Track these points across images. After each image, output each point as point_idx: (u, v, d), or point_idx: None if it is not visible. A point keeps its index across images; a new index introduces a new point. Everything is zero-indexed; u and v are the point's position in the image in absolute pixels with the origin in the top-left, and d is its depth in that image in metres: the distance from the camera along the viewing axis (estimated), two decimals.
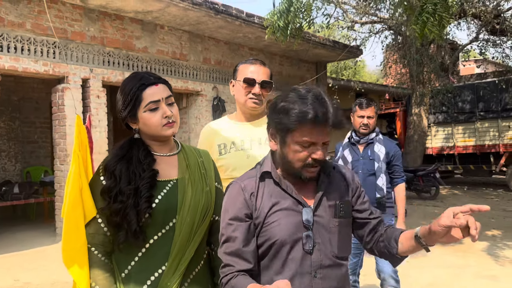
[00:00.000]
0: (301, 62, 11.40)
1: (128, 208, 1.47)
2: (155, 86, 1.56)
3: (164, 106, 1.56)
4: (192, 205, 1.55)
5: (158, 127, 1.55)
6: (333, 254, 1.41)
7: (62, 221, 1.56)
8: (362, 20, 12.07)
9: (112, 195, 1.50)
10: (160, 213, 1.51)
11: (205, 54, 8.91)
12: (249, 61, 2.15)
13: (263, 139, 2.08)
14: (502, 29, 10.58)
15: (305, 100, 1.32)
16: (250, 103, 2.08)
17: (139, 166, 1.53)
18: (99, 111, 6.98)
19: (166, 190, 1.55)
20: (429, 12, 4.72)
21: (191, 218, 1.54)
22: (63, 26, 6.59)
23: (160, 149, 1.63)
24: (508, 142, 11.74)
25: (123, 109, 1.58)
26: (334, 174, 1.51)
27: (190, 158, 1.67)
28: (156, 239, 1.51)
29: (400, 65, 13.25)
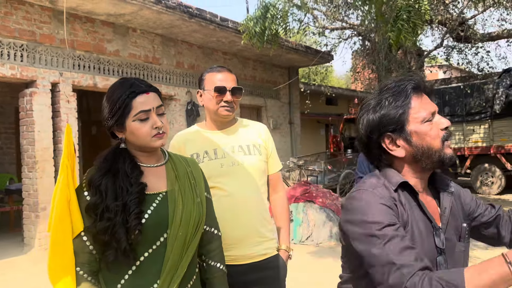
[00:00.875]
0: (274, 67, 11.46)
1: (117, 226, 1.38)
2: (146, 95, 1.48)
3: (155, 116, 1.48)
4: (183, 218, 1.48)
5: (147, 138, 1.47)
6: None
7: (35, 231, 1.47)
8: (332, 26, 12.26)
9: (98, 212, 1.40)
10: (151, 228, 1.43)
11: (178, 58, 8.81)
12: (215, 69, 2.14)
13: (236, 147, 2.09)
14: (466, 36, 10.96)
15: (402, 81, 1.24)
16: (222, 111, 2.07)
17: (126, 180, 1.44)
18: (69, 116, 6.76)
19: (155, 204, 1.47)
20: (403, 19, 4.83)
21: (183, 232, 1.47)
22: (31, 29, 6.36)
23: (147, 159, 1.54)
24: (473, 145, 12.16)
25: (110, 117, 1.48)
26: (454, 191, 1.33)
27: (179, 168, 1.59)
28: (146, 256, 1.44)
29: (369, 70, 13.53)
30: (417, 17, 4.90)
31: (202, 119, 9.10)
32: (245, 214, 2.02)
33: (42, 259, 5.99)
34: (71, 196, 1.50)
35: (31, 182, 6.36)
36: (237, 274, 1.97)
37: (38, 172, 6.31)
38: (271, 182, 2.25)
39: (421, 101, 1.26)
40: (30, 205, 6.38)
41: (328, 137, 16.63)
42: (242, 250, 2.02)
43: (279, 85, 11.40)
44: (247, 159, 2.07)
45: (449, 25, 10.91)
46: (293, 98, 12.21)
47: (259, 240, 2.07)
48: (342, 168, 11.97)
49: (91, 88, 7.32)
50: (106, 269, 1.44)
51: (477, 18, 11.95)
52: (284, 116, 11.92)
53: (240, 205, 2.01)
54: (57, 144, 6.63)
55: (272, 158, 2.20)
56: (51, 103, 6.53)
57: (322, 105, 16.30)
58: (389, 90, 1.27)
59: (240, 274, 2.00)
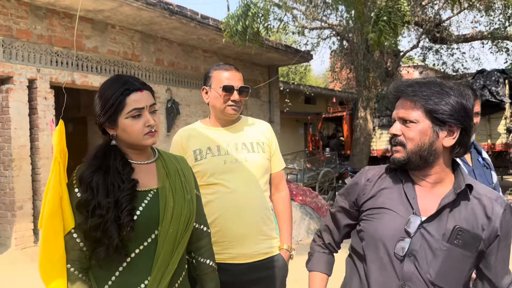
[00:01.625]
0: (254, 66, 11.48)
1: (109, 222, 1.38)
2: (140, 92, 1.48)
3: (147, 114, 1.49)
4: (174, 215, 1.49)
5: (139, 136, 1.48)
6: (429, 277, 1.29)
7: (11, 230, 1.46)
8: (311, 26, 12.36)
9: (90, 209, 1.40)
10: (142, 225, 1.43)
11: (158, 55, 8.73)
12: (223, 66, 2.11)
13: (239, 144, 2.08)
14: (442, 37, 11.24)
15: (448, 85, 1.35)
16: (229, 110, 2.06)
17: (117, 176, 1.44)
18: (47, 113, 6.62)
19: (147, 201, 1.47)
20: (384, 20, 4.93)
21: (174, 228, 1.48)
22: (8, 24, 6.19)
23: (137, 157, 1.55)
24: None
25: (103, 113, 1.48)
26: (473, 198, 1.34)
27: (169, 165, 1.60)
28: (137, 252, 1.44)
29: (347, 70, 13.71)
30: (398, 18, 5.01)
31: (182, 117, 9.05)
32: (247, 211, 2.01)
33: (19, 259, 5.86)
34: (63, 193, 1.49)
35: (7, 180, 6.21)
36: (238, 272, 1.96)
37: (15, 171, 6.16)
38: (274, 181, 2.22)
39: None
40: (6, 204, 6.22)
41: (307, 135, 16.77)
42: (244, 249, 2.00)
43: (259, 83, 11.43)
44: (250, 157, 2.06)
45: (425, 26, 11.16)
46: (273, 97, 12.26)
47: (261, 239, 2.05)
48: (321, 166, 12.10)
49: (69, 85, 7.19)
50: (97, 266, 1.44)
51: (452, 20, 12.27)
52: (264, 114, 11.96)
53: (243, 202, 1.99)
54: (34, 142, 6.49)
55: (275, 156, 2.19)
56: (28, 100, 6.38)
57: (301, 104, 16.42)
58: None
59: (241, 273, 1.98)
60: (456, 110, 1.29)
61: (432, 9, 11.44)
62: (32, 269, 5.51)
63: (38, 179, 6.51)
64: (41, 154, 6.52)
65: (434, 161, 1.34)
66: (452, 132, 1.32)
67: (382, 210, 1.38)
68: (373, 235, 1.38)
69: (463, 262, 1.30)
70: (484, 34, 11.47)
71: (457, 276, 1.30)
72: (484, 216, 1.31)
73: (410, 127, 1.33)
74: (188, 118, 9.28)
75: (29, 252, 6.13)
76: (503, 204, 1.33)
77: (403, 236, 1.31)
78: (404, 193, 1.36)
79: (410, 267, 1.30)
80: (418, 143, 1.32)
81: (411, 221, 1.31)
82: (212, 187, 2.00)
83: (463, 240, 1.28)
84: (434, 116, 1.30)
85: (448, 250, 1.28)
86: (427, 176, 1.37)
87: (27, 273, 5.30)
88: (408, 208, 1.34)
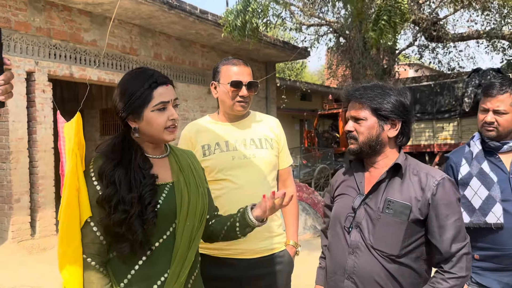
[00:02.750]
0: (252, 62, 11.48)
1: (133, 217, 1.38)
2: (166, 86, 1.50)
3: (172, 108, 1.51)
4: (190, 208, 1.51)
5: (161, 129, 1.49)
6: (370, 243, 1.56)
7: (8, 223, 1.48)
8: (308, 22, 12.36)
9: (113, 204, 1.40)
10: (162, 218, 1.45)
11: (156, 50, 8.71)
12: (231, 61, 2.08)
13: (248, 140, 2.07)
14: (438, 36, 11.28)
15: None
16: (238, 106, 2.04)
17: (139, 171, 1.46)
18: (45, 106, 6.60)
19: (165, 194, 1.49)
20: (384, 19, 4.96)
21: (190, 222, 1.50)
22: (6, 15, 6.16)
23: (153, 151, 1.56)
24: (442, 142, 12.56)
25: (128, 106, 1.47)
26: (412, 175, 1.60)
27: (182, 160, 1.62)
28: (157, 245, 1.46)
29: (344, 67, 13.73)
30: (398, 17, 5.04)
31: (179, 112, 9.04)
32: None
33: (16, 252, 5.86)
34: (80, 185, 1.50)
35: (5, 173, 6.19)
36: (244, 268, 1.97)
37: (12, 163, 6.15)
38: (282, 177, 2.21)
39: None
40: (3, 197, 6.21)
41: (303, 132, 16.80)
42: (250, 244, 1.99)
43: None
44: (258, 153, 2.05)
45: (422, 25, 11.19)
46: (270, 93, 12.27)
47: (267, 235, 2.05)
48: (317, 163, 12.17)
49: (67, 78, 7.17)
50: (118, 260, 1.44)
51: (448, 18, 12.31)
52: (261, 110, 11.96)
53: (250, 198, 1.94)
54: (32, 135, 6.47)
55: (283, 152, 2.18)
56: (26, 92, 6.36)
57: (297, 101, 16.43)
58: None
59: (247, 268, 1.99)
60: (396, 106, 1.59)
61: (429, 7, 11.48)
62: (29, 262, 5.52)
63: (35, 172, 6.50)
64: (38, 147, 6.50)
65: (381, 149, 1.64)
66: (394, 125, 1.61)
67: (340, 196, 1.73)
68: (333, 215, 1.73)
69: (397, 228, 1.53)
70: (480, 33, 11.54)
71: (393, 241, 1.53)
72: (419, 189, 1.56)
73: (361, 123, 1.62)
74: (186, 113, 9.28)
75: (26, 245, 6.12)
76: (439, 178, 1.56)
77: (350, 212, 1.63)
78: (355, 179, 1.69)
79: (356, 236, 1.60)
80: (368, 136, 1.61)
81: (356, 199, 1.63)
82: (220, 183, 2.00)
83: (394, 209, 1.54)
84: (378, 114, 1.59)
85: (382, 218, 1.55)
86: (375, 162, 1.67)
87: (24, 266, 5.31)
88: (357, 190, 1.66)
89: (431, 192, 1.53)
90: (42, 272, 4.91)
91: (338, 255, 1.64)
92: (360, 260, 1.57)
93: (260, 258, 2.02)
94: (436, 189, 1.53)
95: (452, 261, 1.52)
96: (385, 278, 1.53)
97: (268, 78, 11.85)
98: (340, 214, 1.67)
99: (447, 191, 1.55)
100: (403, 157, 1.64)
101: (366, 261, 1.56)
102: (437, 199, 1.53)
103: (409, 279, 1.55)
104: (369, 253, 1.56)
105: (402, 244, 1.52)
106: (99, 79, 7.56)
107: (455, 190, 1.58)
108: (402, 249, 1.53)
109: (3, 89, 1.13)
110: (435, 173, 1.59)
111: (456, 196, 1.58)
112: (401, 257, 1.53)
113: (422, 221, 1.54)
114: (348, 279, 1.59)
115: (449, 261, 1.52)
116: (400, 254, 1.53)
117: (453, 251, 1.51)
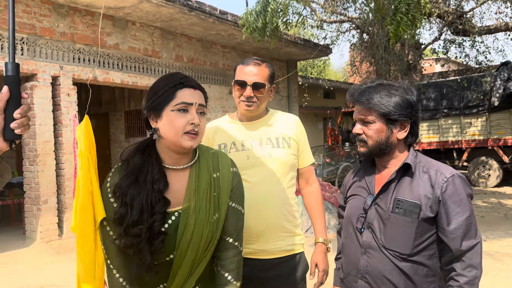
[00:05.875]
0: (273, 60, 11.47)
1: (142, 243, 1.36)
2: (193, 90, 1.45)
3: (194, 112, 1.43)
4: (194, 238, 1.43)
5: (179, 132, 1.40)
6: (381, 243, 1.56)
7: (37, 224, 1.51)
8: (330, 19, 12.24)
9: (124, 226, 1.38)
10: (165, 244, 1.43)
11: (178, 51, 8.81)
12: (246, 61, 2.07)
13: (264, 139, 2.05)
14: (464, 30, 10.99)
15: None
16: (242, 105, 2.03)
17: (152, 193, 1.40)
18: (70, 109, 6.78)
19: (171, 221, 1.44)
20: (402, 12, 4.86)
21: (192, 251, 1.43)
22: (31, 22, 6.35)
23: (174, 161, 1.48)
24: (470, 138, 12.23)
25: (150, 102, 1.45)
26: (422, 173, 1.58)
27: (202, 177, 1.49)
28: (156, 263, 1.44)
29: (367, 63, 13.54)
30: (416, 10, 4.93)
31: None
32: (268, 207, 1.97)
33: (44, 251, 6.03)
34: (94, 188, 1.52)
35: (33, 175, 6.38)
36: (257, 268, 1.93)
37: (39, 166, 6.33)
38: (304, 175, 2.17)
39: None
40: (32, 198, 6.41)
41: (326, 130, 16.67)
42: (264, 245, 1.97)
43: (277, 78, 11.42)
44: (274, 152, 2.02)
45: (447, 18, 10.93)
46: (292, 91, 12.23)
47: (282, 235, 2.01)
48: (340, 161, 12.03)
49: (91, 82, 7.33)
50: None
51: (475, 11, 11.97)
52: (283, 109, 11.95)
53: (263, 198, 1.95)
54: (58, 138, 6.65)
55: (304, 151, 2.13)
56: (51, 96, 6.54)
57: (320, 99, 16.32)
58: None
59: (260, 269, 1.95)
60: (403, 108, 1.57)
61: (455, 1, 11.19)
62: (57, 261, 5.67)
63: (62, 174, 6.68)
64: (64, 150, 6.68)
65: (391, 151, 1.62)
66: (404, 127, 1.60)
67: (352, 197, 1.73)
68: (345, 216, 1.74)
69: (407, 227, 1.52)
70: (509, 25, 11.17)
71: (404, 240, 1.52)
72: (429, 186, 1.53)
73: (369, 126, 1.60)
74: (207, 114, 9.32)
75: (53, 245, 6.30)
76: (449, 175, 1.53)
77: (362, 213, 1.63)
78: (365, 180, 1.69)
79: (368, 237, 1.60)
80: (377, 139, 1.59)
81: (366, 200, 1.63)
82: None
83: (403, 208, 1.52)
84: (387, 118, 1.57)
85: (392, 218, 1.54)
86: (386, 162, 1.65)
87: (51, 266, 5.46)
88: (367, 191, 1.65)
89: (440, 189, 1.51)
90: (69, 271, 5.04)
91: (351, 256, 1.66)
92: (373, 260, 1.57)
93: (274, 259, 1.99)
94: (446, 186, 1.51)
95: (463, 260, 1.48)
96: (398, 276, 1.52)
97: (290, 76, 11.81)
98: (352, 215, 1.68)
99: (457, 187, 1.52)
100: (413, 156, 1.62)
101: (379, 261, 1.56)
102: (447, 196, 1.50)
103: (423, 277, 1.53)
104: (381, 253, 1.55)
105: (413, 243, 1.51)
106: (122, 82, 7.70)
107: (465, 187, 1.54)
108: (414, 248, 1.51)
109: (19, 122, 1.13)
110: (445, 170, 1.56)
111: (467, 192, 1.53)
112: (414, 255, 1.52)
113: (433, 218, 1.52)
114: (362, 279, 1.60)
115: (460, 260, 1.49)
116: (412, 253, 1.51)
117: (463, 248, 1.48)
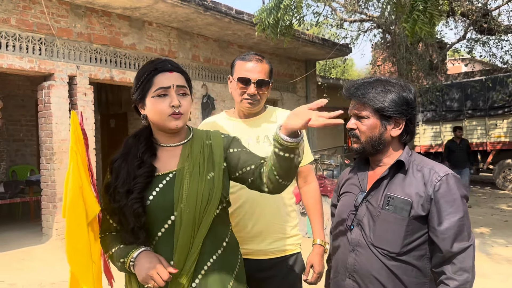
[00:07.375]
0: (291, 60, 11.38)
1: (124, 208, 1.43)
2: (169, 73, 1.50)
3: (174, 94, 1.48)
4: (190, 195, 1.46)
5: (163, 116, 1.47)
6: (370, 240, 1.52)
7: (52, 221, 1.53)
8: (351, 19, 12.07)
9: (110, 193, 1.48)
10: (158, 209, 1.45)
11: (194, 51, 8.83)
12: (246, 57, 2.05)
13: (261, 137, 2.03)
14: (489, 28, 10.65)
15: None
16: (245, 103, 2.01)
17: (136, 163, 1.48)
18: (86, 108, 6.86)
19: (162, 185, 1.48)
20: (419, 10, 4.72)
21: (190, 209, 1.45)
22: (49, 23, 6.45)
23: (167, 139, 1.56)
24: (495, 140, 11.86)
25: (135, 91, 1.54)
26: (415, 171, 1.53)
27: (195, 146, 1.56)
28: (160, 235, 1.47)
29: (389, 63, 13.29)
30: (434, 7, 4.78)
31: (217, 112, 9.11)
32: (264, 207, 1.95)
33: (59, 248, 6.12)
34: (83, 182, 1.54)
35: (49, 173, 6.49)
36: (253, 269, 1.89)
37: (56, 164, 6.43)
38: (302, 174, 2.14)
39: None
40: (48, 196, 6.52)
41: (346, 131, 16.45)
42: (259, 245, 1.95)
43: (295, 78, 11.32)
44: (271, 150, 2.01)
45: (471, 17, 10.62)
46: (310, 91, 12.11)
47: (278, 236, 1.99)
48: None
49: (108, 81, 7.42)
50: None
51: (501, 9, 11.61)
52: None
53: (258, 198, 1.90)
54: None
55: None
56: (68, 95, 6.64)
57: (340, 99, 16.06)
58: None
59: (256, 269, 1.92)
60: (399, 104, 1.53)
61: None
62: None
63: None
64: None
65: (384, 149, 1.59)
66: (398, 124, 1.56)
67: (344, 194, 1.71)
68: (336, 214, 1.72)
69: (397, 224, 1.47)
70: None
71: (394, 238, 1.47)
72: (422, 184, 1.49)
73: (363, 122, 1.56)
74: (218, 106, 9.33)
75: None
76: (443, 174, 1.48)
77: (352, 210, 1.60)
78: (358, 177, 1.66)
79: (357, 234, 1.56)
80: (370, 135, 1.55)
81: (358, 197, 1.60)
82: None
83: (394, 205, 1.48)
84: (381, 114, 1.53)
85: (382, 215, 1.50)
86: (380, 160, 1.62)
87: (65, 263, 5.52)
88: (359, 188, 1.63)
89: (433, 187, 1.47)
90: None
91: (340, 254, 1.64)
92: (361, 258, 1.54)
93: (270, 259, 1.97)
94: (439, 185, 1.47)
95: (454, 263, 1.42)
96: (386, 276, 1.49)
97: (308, 76, 11.69)
98: (343, 212, 1.65)
99: (451, 187, 1.47)
100: (407, 154, 1.58)
101: (367, 259, 1.52)
102: (440, 195, 1.46)
103: (413, 278, 1.48)
104: (369, 250, 1.52)
105: (403, 241, 1.47)
106: None
107: (460, 187, 1.48)
108: (403, 247, 1.47)
109: None
110: (440, 169, 1.52)
111: (461, 193, 1.47)
112: (403, 255, 1.47)
113: (424, 217, 1.48)
114: (350, 278, 1.57)
115: (451, 263, 1.42)
116: (402, 252, 1.47)
117: (454, 250, 1.43)
